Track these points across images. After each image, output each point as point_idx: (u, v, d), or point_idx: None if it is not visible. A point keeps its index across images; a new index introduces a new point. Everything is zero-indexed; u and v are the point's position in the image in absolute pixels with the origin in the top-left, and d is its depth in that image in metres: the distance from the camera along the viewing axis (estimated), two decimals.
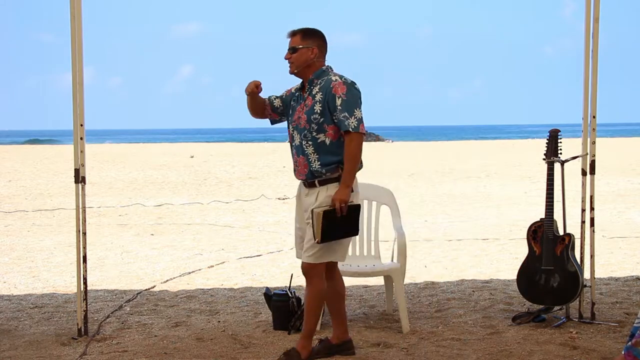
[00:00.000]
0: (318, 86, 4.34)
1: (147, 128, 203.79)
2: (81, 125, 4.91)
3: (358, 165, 4.31)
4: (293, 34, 4.39)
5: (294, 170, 4.48)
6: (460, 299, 5.97)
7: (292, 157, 4.48)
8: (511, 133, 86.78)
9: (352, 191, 4.32)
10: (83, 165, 4.94)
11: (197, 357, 4.57)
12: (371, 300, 5.98)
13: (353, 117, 4.23)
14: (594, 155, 5.12)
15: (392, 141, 50.69)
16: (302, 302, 5.16)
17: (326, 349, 4.53)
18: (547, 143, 5.24)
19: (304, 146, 4.34)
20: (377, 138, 53.40)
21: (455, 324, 5.21)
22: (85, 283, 5.01)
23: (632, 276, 6.81)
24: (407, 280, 6.14)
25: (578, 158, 5.18)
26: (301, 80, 4.46)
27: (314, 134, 4.30)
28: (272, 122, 4.67)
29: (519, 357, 4.47)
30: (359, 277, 5.81)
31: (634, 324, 3.37)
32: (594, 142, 5.09)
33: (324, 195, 4.31)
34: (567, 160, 5.23)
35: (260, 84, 4.48)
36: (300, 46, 4.34)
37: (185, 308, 5.81)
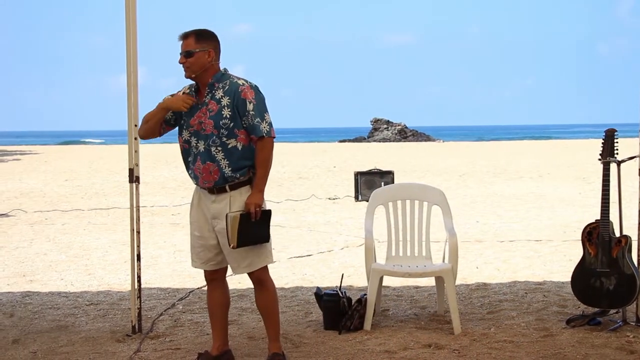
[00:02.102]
0: (222, 90, 4.12)
1: None
2: (135, 125, 4.98)
3: (270, 169, 4.15)
4: (185, 36, 4.12)
5: (195, 178, 4.21)
6: (512, 301, 5.89)
7: (192, 164, 4.21)
8: (565, 132, 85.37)
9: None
10: (137, 165, 5.02)
11: (248, 355, 4.61)
12: (422, 301, 5.94)
13: (265, 122, 4.09)
14: None
15: (443, 141, 50.33)
16: (353, 302, 5.16)
17: None
18: (603, 143, 5.14)
19: (213, 153, 4.10)
20: (427, 138, 53.07)
21: (507, 325, 5.15)
22: (139, 281, 5.09)
23: None
24: (458, 281, 6.08)
25: (635, 158, 5.07)
26: (194, 82, 4.23)
27: (224, 139, 4.09)
28: (160, 135, 4.41)
29: None
30: (410, 278, 5.79)
31: None
32: None
33: (239, 199, 4.13)
34: (623, 161, 5.12)
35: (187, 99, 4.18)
36: (196, 49, 4.09)
37: (236, 307, 5.85)
